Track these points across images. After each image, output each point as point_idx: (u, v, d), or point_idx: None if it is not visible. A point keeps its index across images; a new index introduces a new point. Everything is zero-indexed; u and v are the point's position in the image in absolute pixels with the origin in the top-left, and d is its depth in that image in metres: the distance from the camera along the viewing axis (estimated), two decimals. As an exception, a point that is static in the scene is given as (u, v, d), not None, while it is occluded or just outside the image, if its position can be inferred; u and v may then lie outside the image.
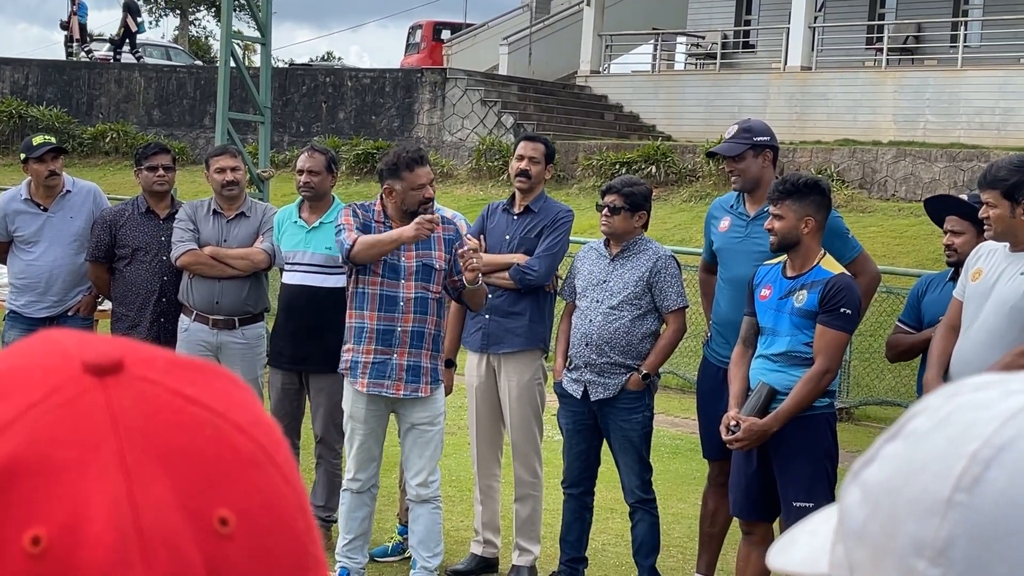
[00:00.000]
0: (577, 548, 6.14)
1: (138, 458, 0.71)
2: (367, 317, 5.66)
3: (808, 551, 0.86)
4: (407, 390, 5.67)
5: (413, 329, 5.64)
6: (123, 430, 0.71)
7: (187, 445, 0.72)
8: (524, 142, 6.39)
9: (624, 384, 5.82)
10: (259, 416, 0.77)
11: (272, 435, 0.77)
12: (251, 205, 6.86)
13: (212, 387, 0.76)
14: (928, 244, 15.28)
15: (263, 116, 12.71)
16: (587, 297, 5.94)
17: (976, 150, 18.54)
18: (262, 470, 0.74)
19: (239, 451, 0.73)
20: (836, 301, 5.06)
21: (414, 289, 5.63)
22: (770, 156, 5.76)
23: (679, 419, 10.55)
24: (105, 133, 26.81)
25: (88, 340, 0.76)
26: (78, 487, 0.69)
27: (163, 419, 0.72)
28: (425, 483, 5.77)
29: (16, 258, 7.22)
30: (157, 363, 0.75)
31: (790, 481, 5.17)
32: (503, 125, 22.99)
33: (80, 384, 0.73)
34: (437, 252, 5.67)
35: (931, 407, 0.81)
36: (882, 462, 0.80)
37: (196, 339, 6.66)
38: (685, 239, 16.71)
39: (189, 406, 0.74)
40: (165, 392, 0.74)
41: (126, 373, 0.73)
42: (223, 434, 0.74)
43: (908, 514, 0.76)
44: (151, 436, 0.72)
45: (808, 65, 22.91)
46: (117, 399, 0.72)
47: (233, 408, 0.75)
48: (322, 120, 25.67)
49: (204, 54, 54.32)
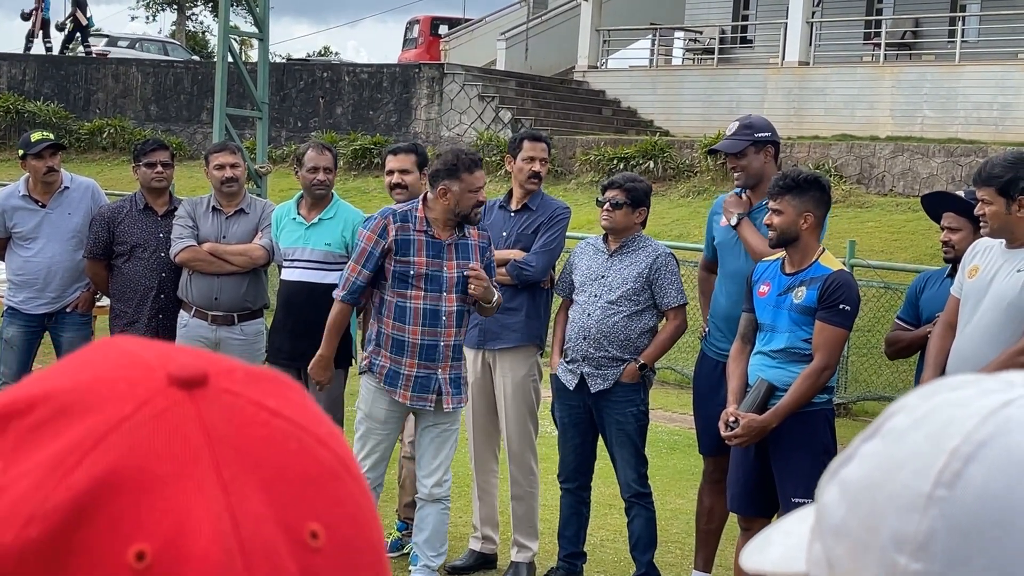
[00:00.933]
0: (575, 543, 6.14)
1: (233, 472, 0.70)
2: (409, 331, 5.58)
3: (783, 551, 0.87)
4: (454, 402, 5.68)
5: (455, 343, 5.65)
6: (216, 443, 0.71)
7: (277, 458, 0.72)
8: (532, 142, 6.32)
9: (620, 376, 5.83)
10: (332, 427, 0.77)
11: (345, 446, 0.77)
12: (250, 201, 6.86)
13: (289, 399, 0.76)
14: (926, 240, 15.29)
15: (261, 112, 12.70)
16: (585, 292, 5.95)
17: (974, 145, 18.54)
18: (343, 482, 0.74)
19: (323, 464, 0.74)
20: (835, 297, 5.07)
21: (455, 302, 5.60)
22: (771, 152, 5.76)
23: (676, 414, 10.56)
24: (102, 128, 26.79)
25: (166, 351, 0.75)
26: (179, 501, 0.69)
27: (252, 432, 0.72)
28: (439, 483, 5.76)
29: (14, 254, 7.22)
30: (237, 375, 0.75)
31: (788, 477, 5.18)
32: (501, 120, 22.98)
33: (169, 397, 0.72)
34: (474, 263, 5.64)
35: (909, 406, 0.82)
36: (861, 460, 0.81)
37: (195, 335, 6.66)
38: (683, 234, 16.71)
39: (273, 419, 0.73)
40: (250, 404, 0.73)
41: (211, 386, 0.73)
42: (307, 447, 0.74)
43: (889, 509, 0.77)
44: (242, 449, 0.71)
45: (806, 60, 22.91)
46: (207, 412, 0.72)
47: (311, 420, 0.75)
48: (319, 115, 25.65)
49: (201, 49, 54.27)
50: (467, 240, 5.66)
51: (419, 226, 5.60)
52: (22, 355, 7.21)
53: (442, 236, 5.61)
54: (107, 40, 36.42)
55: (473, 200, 5.59)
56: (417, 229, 5.60)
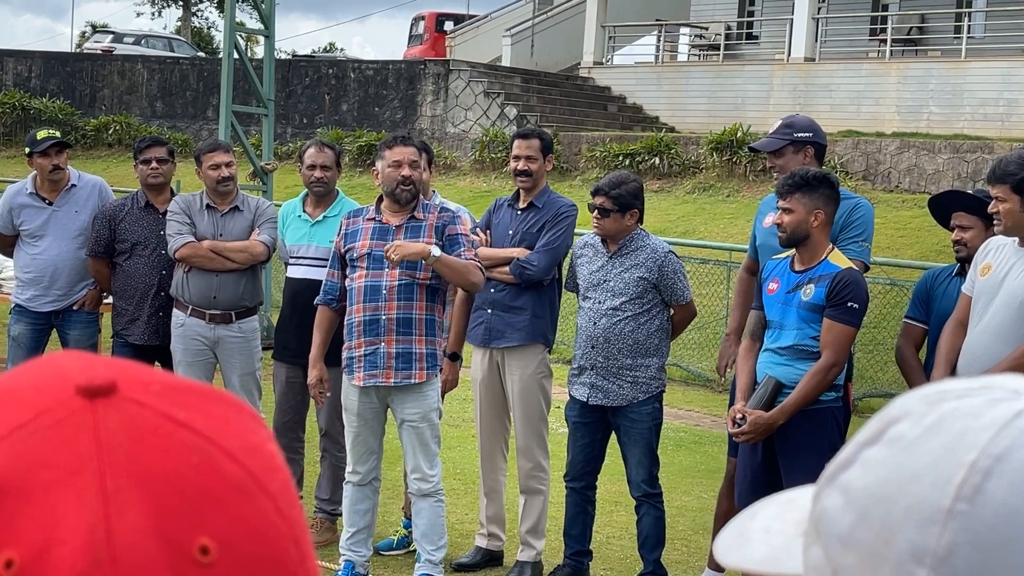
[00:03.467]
0: (581, 542, 6.13)
1: (119, 482, 0.69)
2: (355, 311, 5.69)
3: (767, 550, 0.87)
4: (398, 377, 5.66)
5: (399, 316, 5.64)
6: (107, 453, 0.70)
7: (171, 470, 0.71)
8: (518, 140, 6.35)
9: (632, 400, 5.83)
10: (256, 444, 0.75)
11: (268, 463, 0.75)
12: (243, 199, 6.84)
13: (208, 412, 0.75)
14: (932, 236, 15.26)
15: (266, 108, 12.69)
16: (589, 298, 5.91)
17: (980, 141, 18.51)
18: (251, 499, 0.72)
19: (227, 478, 0.72)
20: (843, 295, 5.05)
21: (398, 276, 5.64)
22: (811, 152, 5.64)
23: (683, 411, 10.55)
24: (108, 125, 26.82)
25: (89, 362, 0.74)
26: (55, 509, 0.68)
27: (149, 443, 0.71)
28: (424, 477, 5.77)
29: (21, 252, 7.23)
30: (153, 387, 0.74)
31: (796, 475, 5.16)
32: (506, 117, 22.97)
33: (69, 406, 0.72)
34: (425, 239, 5.67)
35: (913, 412, 0.81)
36: (865, 467, 0.81)
37: (192, 334, 6.64)
38: (688, 231, 16.69)
39: (178, 430, 0.72)
40: (155, 415, 0.72)
41: (118, 395, 0.72)
42: (211, 460, 0.72)
43: (905, 522, 0.77)
44: (135, 459, 0.70)
45: (812, 56, 22.88)
46: (104, 421, 0.71)
47: (227, 435, 0.74)
48: (325, 112, 25.66)
49: (206, 45, 54.27)
50: (421, 222, 5.71)
51: (369, 215, 5.78)
52: (29, 353, 7.21)
53: (391, 221, 5.72)
54: (113, 36, 36.45)
55: (395, 176, 5.67)
56: (367, 219, 5.77)
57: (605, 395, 5.85)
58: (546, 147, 6.32)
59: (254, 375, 6.80)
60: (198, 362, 6.66)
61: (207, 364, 6.72)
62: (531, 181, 6.26)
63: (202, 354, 6.66)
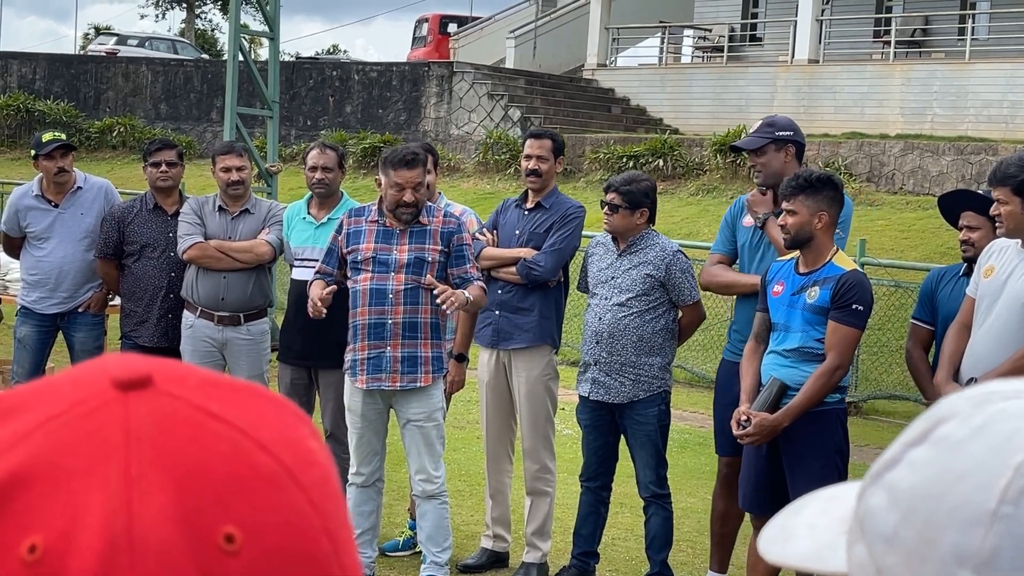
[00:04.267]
0: (590, 542, 6.14)
1: (144, 470, 0.70)
2: (359, 313, 5.68)
3: (812, 546, 0.87)
4: (404, 381, 5.67)
5: (405, 320, 5.64)
6: (135, 441, 0.71)
7: (199, 459, 0.72)
8: (531, 140, 6.37)
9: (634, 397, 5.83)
10: (293, 438, 0.76)
11: (304, 457, 0.75)
12: (255, 202, 6.87)
13: (243, 405, 0.75)
14: (936, 238, 15.27)
15: (271, 111, 12.71)
16: (596, 295, 5.94)
17: (984, 143, 18.51)
18: (281, 490, 0.73)
19: (257, 469, 0.73)
20: (848, 297, 5.06)
21: (404, 281, 5.64)
22: (792, 151, 5.71)
23: (688, 413, 10.55)
24: (112, 127, 26.85)
25: (130, 359, 0.76)
26: (80, 496, 0.70)
27: (179, 433, 0.72)
28: (429, 479, 5.77)
29: (27, 254, 7.25)
30: (189, 380, 0.75)
31: (800, 477, 5.17)
32: (510, 119, 22.98)
33: (103, 397, 0.73)
34: (431, 245, 5.67)
35: (960, 413, 0.81)
36: (911, 467, 0.80)
37: (201, 336, 6.66)
38: (693, 232, 16.70)
39: (210, 421, 0.73)
40: (187, 407, 0.73)
41: (153, 388, 0.73)
42: (242, 451, 0.73)
43: (949, 523, 0.76)
44: (163, 449, 0.71)
45: (815, 58, 22.88)
46: (136, 412, 0.72)
47: (261, 427, 0.74)
48: (329, 114, 25.68)
49: (210, 47, 54.32)
50: (426, 227, 5.69)
51: (372, 217, 5.74)
52: (35, 355, 7.23)
53: (395, 225, 5.69)
54: (117, 39, 36.49)
55: (396, 197, 5.63)
56: (369, 220, 5.74)
57: (606, 391, 5.86)
58: (557, 148, 6.34)
59: (262, 377, 6.81)
60: (206, 364, 6.68)
61: (215, 366, 6.73)
62: (541, 182, 6.28)
63: (210, 356, 6.69)
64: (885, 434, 10.36)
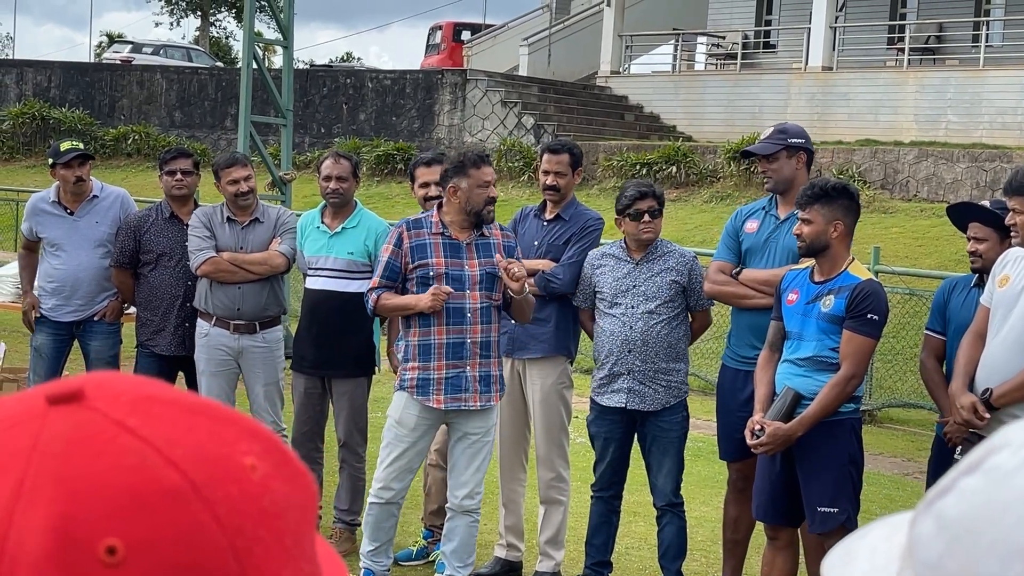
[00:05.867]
0: (603, 552, 6.13)
1: (38, 481, 0.72)
2: (435, 332, 5.57)
3: (868, 569, 0.85)
4: (482, 401, 5.64)
5: (482, 340, 5.60)
6: (38, 454, 0.73)
7: (98, 472, 0.73)
8: (548, 155, 6.32)
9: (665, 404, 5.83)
10: (219, 455, 0.76)
11: (221, 473, 0.75)
12: (263, 210, 6.87)
13: (170, 421, 0.76)
14: (950, 245, 15.22)
15: (285, 119, 12.75)
16: (619, 304, 5.91)
17: (998, 150, 18.46)
18: (182, 506, 0.73)
19: (159, 483, 0.73)
20: (863, 307, 5.05)
21: (480, 299, 5.58)
22: (804, 159, 5.76)
23: (700, 421, 10.52)
24: (127, 135, 26.94)
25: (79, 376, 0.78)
26: None
27: (87, 446, 0.73)
28: (471, 495, 5.73)
29: (44, 262, 7.28)
30: (123, 396, 0.76)
31: (814, 486, 5.16)
32: (523, 126, 23.00)
33: (31, 412, 0.75)
34: (496, 258, 5.62)
35: (1014, 443, 0.79)
36: (960, 495, 0.79)
37: (216, 344, 6.67)
38: (706, 240, 16.69)
39: (123, 436, 0.74)
40: (106, 422, 0.74)
41: (82, 404, 0.75)
42: (147, 466, 0.73)
43: (989, 556, 0.75)
44: (63, 461, 0.73)
45: (829, 65, 22.85)
46: (51, 426, 0.74)
47: (180, 444, 0.75)
48: (343, 121, 25.73)
49: (225, 55, 54.46)
50: (488, 240, 5.65)
51: (435, 229, 5.62)
52: (51, 363, 7.25)
53: (460, 237, 5.61)
54: (132, 47, 36.61)
55: (484, 195, 5.57)
56: (433, 232, 5.61)
57: (641, 399, 5.85)
58: (575, 161, 6.31)
59: (277, 384, 6.82)
60: (221, 372, 6.70)
61: (231, 374, 6.75)
62: (559, 195, 6.27)
63: (225, 364, 6.69)
64: (900, 443, 10.33)
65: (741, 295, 5.77)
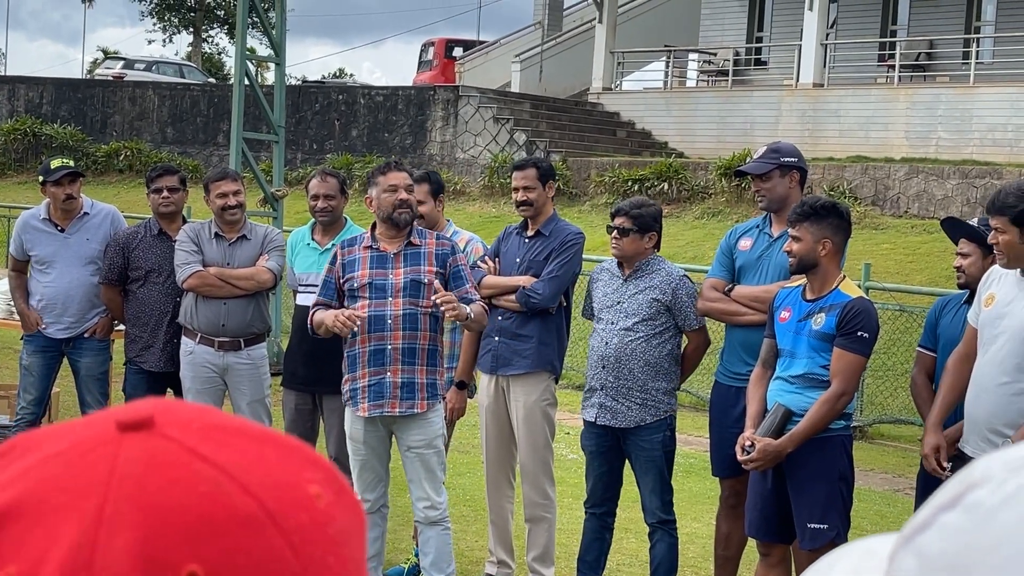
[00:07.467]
0: (595, 569, 6.12)
1: (120, 508, 0.73)
2: (359, 342, 5.66)
3: None
4: (402, 407, 5.66)
5: (404, 346, 5.64)
6: (117, 480, 0.74)
7: (176, 500, 0.73)
8: (515, 172, 6.38)
9: (640, 422, 5.81)
10: (287, 482, 0.77)
11: (292, 500, 0.76)
12: (251, 228, 6.87)
13: (240, 449, 0.77)
14: (941, 261, 15.26)
15: (277, 135, 12.75)
16: (603, 319, 5.94)
17: (989, 167, 18.52)
18: (258, 532, 0.74)
19: (234, 510, 0.74)
20: (854, 325, 5.07)
21: (402, 306, 5.64)
22: (797, 177, 5.78)
23: (692, 437, 10.53)
24: (119, 151, 26.95)
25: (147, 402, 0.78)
26: (56, 530, 0.73)
27: (162, 473, 0.74)
28: (432, 505, 5.76)
29: (34, 279, 7.28)
30: (192, 424, 0.77)
31: (805, 503, 5.17)
32: (515, 142, 23.03)
33: (102, 438, 0.76)
34: (427, 267, 5.68)
35: (994, 477, 0.77)
36: (941, 532, 0.77)
37: (201, 361, 6.66)
38: (698, 256, 16.71)
39: (196, 463, 0.75)
40: (178, 448, 0.75)
41: (153, 431, 0.76)
42: (222, 493, 0.74)
43: None
44: (143, 488, 0.73)
45: (820, 82, 22.92)
46: (127, 452, 0.75)
47: (251, 471, 0.76)
48: (335, 138, 25.75)
49: (217, 71, 54.49)
50: (419, 248, 5.71)
51: (365, 243, 5.76)
52: (41, 380, 7.24)
53: (388, 248, 5.72)
54: (124, 63, 36.63)
55: (391, 200, 5.68)
56: (363, 247, 5.75)
57: (613, 415, 5.85)
58: (543, 175, 6.30)
59: (263, 401, 6.82)
60: (207, 389, 6.69)
61: (216, 391, 6.74)
62: (532, 210, 6.28)
63: (211, 381, 6.69)
64: (890, 459, 10.33)
65: (733, 312, 5.77)
